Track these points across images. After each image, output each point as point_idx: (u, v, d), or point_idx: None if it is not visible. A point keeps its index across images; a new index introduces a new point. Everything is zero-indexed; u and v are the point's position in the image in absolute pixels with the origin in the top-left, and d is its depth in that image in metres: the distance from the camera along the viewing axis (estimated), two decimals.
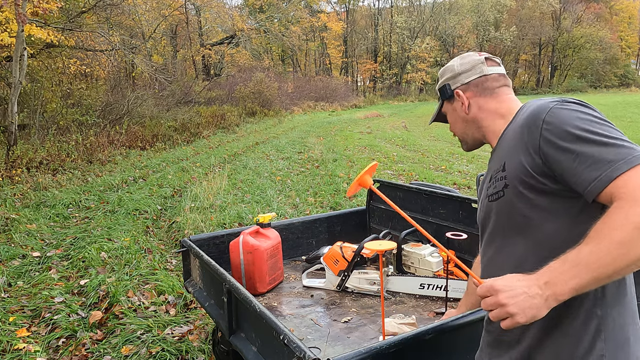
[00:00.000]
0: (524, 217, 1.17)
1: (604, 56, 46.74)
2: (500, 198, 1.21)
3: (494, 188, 1.23)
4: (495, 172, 1.24)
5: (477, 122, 1.37)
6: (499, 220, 1.24)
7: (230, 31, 28.97)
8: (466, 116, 1.38)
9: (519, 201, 1.17)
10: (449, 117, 1.44)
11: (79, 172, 8.80)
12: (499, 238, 1.26)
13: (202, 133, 15.20)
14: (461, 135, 1.43)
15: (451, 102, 1.41)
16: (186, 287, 2.79)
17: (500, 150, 1.26)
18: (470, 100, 1.38)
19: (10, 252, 4.62)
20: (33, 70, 11.81)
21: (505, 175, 1.19)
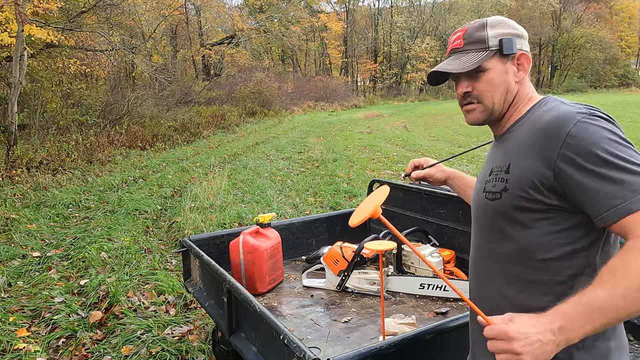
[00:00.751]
0: (518, 223, 1.14)
1: (604, 56, 46.72)
2: (496, 200, 1.17)
3: (493, 186, 1.18)
4: (498, 169, 1.18)
5: (514, 98, 1.22)
6: (491, 219, 1.20)
7: (230, 31, 28.98)
8: (512, 86, 1.20)
9: (516, 209, 1.13)
10: (488, 75, 1.19)
11: (79, 172, 8.80)
12: (489, 235, 1.23)
13: (202, 133, 15.20)
14: (487, 102, 1.21)
15: (505, 60, 1.19)
16: (186, 287, 2.79)
17: (508, 145, 1.19)
18: (525, 70, 1.23)
19: (10, 252, 4.62)
20: (33, 70, 11.82)
21: (507, 179, 1.14)
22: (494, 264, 1.22)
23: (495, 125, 1.28)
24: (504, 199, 1.14)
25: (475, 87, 1.21)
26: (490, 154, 1.30)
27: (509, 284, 1.18)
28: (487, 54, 1.18)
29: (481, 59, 1.18)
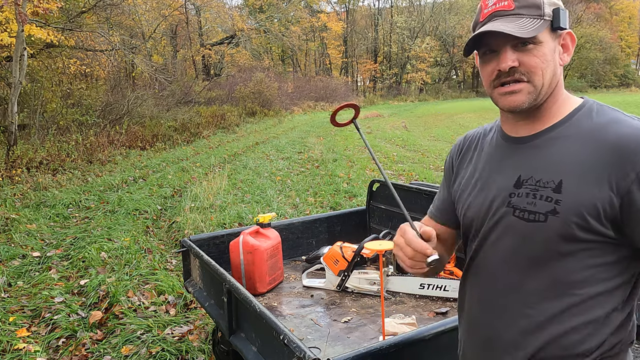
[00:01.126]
0: (558, 252, 0.96)
1: (604, 56, 46.70)
2: (536, 222, 0.96)
3: (530, 204, 0.97)
4: (538, 184, 0.98)
5: (555, 87, 1.02)
6: (521, 242, 1.00)
7: (230, 31, 28.98)
8: (558, 70, 1.02)
9: (564, 237, 0.95)
10: (542, 48, 0.97)
11: (79, 172, 8.80)
12: (514, 261, 1.02)
13: (202, 133, 15.20)
14: (537, 82, 0.98)
15: (554, 36, 1.00)
16: (186, 287, 2.79)
17: (551, 153, 0.99)
18: (569, 53, 1.04)
19: (10, 252, 4.62)
20: (33, 70, 11.81)
21: (558, 200, 0.94)
22: (516, 295, 1.03)
23: (525, 118, 1.04)
24: (550, 224, 0.95)
25: (524, 61, 0.97)
26: (507, 155, 1.07)
27: (534, 318, 1.01)
28: (542, 23, 0.96)
29: (539, 27, 0.96)
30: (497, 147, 1.11)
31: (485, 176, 1.09)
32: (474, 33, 1.00)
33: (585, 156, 0.94)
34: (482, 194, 1.09)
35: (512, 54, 0.98)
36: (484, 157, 1.13)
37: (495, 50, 1.00)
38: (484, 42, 1.01)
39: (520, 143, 1.05)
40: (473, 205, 1.10)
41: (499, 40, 0.98)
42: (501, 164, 1.07)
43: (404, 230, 1.06)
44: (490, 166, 1.10)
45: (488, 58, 1.02)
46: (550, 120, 1.03)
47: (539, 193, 0.97)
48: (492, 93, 1.04)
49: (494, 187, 1.06)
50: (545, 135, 1.02)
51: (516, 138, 1.06)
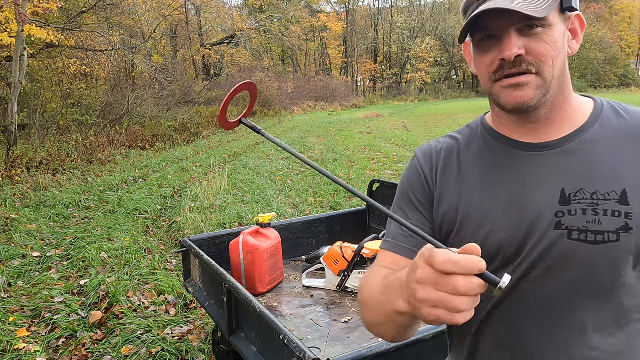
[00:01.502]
0: (625, 277, 0.82)
1: (604, 56, 46.72)
2: (607, 242, 0.79)
3: (594, 222, 0.80)
4: (598, 197, 0.81)
5: (565, 78, 0.87)
6: (584, 274, 0.81)
7: (230, 31, 28.98)
8: (567, 60, 0.86)
9: (635, 256, 0.81)
10: (552, 32, 0.81)
11: (79, 172, 8.80)
12: (573, 299, 0.83)
13: (202, 133, 15.20)
14: (547, 74, 0.82)
15: (563, 19, 0.84)
16: (186, 287, 2.79)
17: (604, 163, 0.83)
18: (578, 40, 0.89)
19: (10, 252, 4.62)
20: (33, 70, 11.82)
21: (629, 213, 0.79)
22: (578, 338, 0.83)
23: (537, 119, 0.87)
24: (624, 242, 0.79)
25: (532, 48, 0.80)
26: (530, 165, 0.87)
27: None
28: (552, 1, 0.80)
29: (550, 5, 0.79)
30: (506, 157, 0.89)
31: (508, 193, 0.86)
32: (474, 13, 0.80)
33: (635, 159, 0.82)
34: (513, 215, 0.85)
35: (518, 39, 0.80)
36: (488, 171, 0.90)
37: (497, 35, 0.82)
38: (481, 26, 0.82)
39: (546, 149, 0.86)
40: (501, 229, 0.85)
41: (502, 22, 0.80)
42: (530, 176, 0.85)
43: (431, 255, 0.63)
44: (508, 181, 0.87)
45: (486, 46, 0.84)
46: (574, 121, 0.87)
47: (601, 207, 0.79)
48: (492, 88, 0.85)
49: (529, 205, 0.84)
50: (579, 138, 0.85)
51: (535, 144, 0.87)
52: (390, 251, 0.95)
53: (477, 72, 0.89)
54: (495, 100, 0.86)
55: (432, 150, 1.00)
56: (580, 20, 0.88)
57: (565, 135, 0.86)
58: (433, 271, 0.62)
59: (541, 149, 0.86)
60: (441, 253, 0.62)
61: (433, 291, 0.62)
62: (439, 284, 0.62)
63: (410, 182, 0.99)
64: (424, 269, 0.63)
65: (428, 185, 0.97)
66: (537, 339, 0.85)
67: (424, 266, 0.64)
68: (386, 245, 0.97)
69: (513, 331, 0.87)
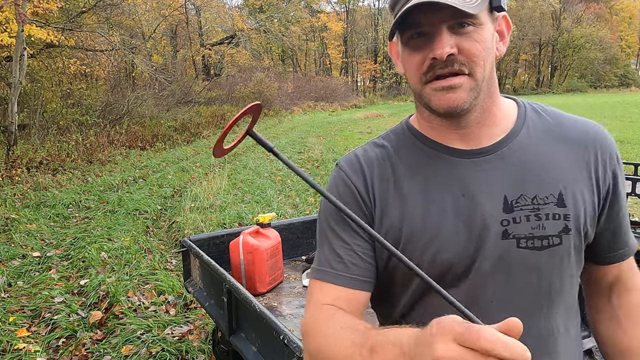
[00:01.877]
0: (570, 275, 0.85)
1: (604, 56, 46.75)
2: (552, 246, 0.80)
3: (538, 228, 0.80)
4: (538, 202, 0.80)
5: (493, 80, 0.84)
6: (537, 281, 0.82)
7: (230, 31, 28.99)
8: (494, 58, 0.83)
9: (576, 254, 0.84)
10: (483, 31, 0.77)
11: (79, 172, 8.80)
12: (532, 307, 0.83)
13: (202, 133, 15.20)
14: (479, 75, 0.78)
15: (492, 19, 0.81)
16: (186, 287, 2.79)
17: (538, 166, 0.82)
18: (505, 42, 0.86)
19: (10, 252, 4.62)
20: (33, 70, 11.82)
21: (567, 215, 0.80)
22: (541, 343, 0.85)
23: (468, 123, 0.83)
24: (565, 244, 0.81)
25: (464, 47, 0.76)
26: (467, 173, 0.83)
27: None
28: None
29: (481, 3, 0.75)
30: (443, 166, 0.84)
31: (451, 206, 0.81)
32: (404, 7, 0.74)
33: (564, 159, 0.83)
34: (460, 230, 0.80)
35: (450, 37, 0.75)
36: (427, 182, 0.83)
37: (427, 33, 0.76)
38: (411, 22, 0.76)
39: (480, 155, 0.83)
40: (449, 247, 0.80)
41: (433, 18, 0.75)
42: (469, 185, 0.81)
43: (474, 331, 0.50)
44: (448, 191, 0.82)
45: (416, 44, 0.78)
46: (502, 124, 0.85)
47: (543, 212, 0.79)
48: (422, 90, 0.80)
49: (474, 217, 0.80)
50: (510, 142, 0.83)
51: (470, 151, 0.84)
52: (331, 283, 0.84)
53: (405, 73, 0.83)
54: (426, 103, 0.81)
55: (360, 162, 0.89)
56: (507, 22, 0.85)
57: (498, 140, 0.84)
58: (461, 349, 0.50)
59: (476, 155, 0.83)
60: (487, 329, 0.50)
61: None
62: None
63: (342, 199, 0.86)
64: (448, 345, 0.51)
65: (365, 203, 0.86)
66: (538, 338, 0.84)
67: (447, 341, 0.51)
68: (321, 275, 0.85)
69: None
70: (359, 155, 0.90)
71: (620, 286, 0.93)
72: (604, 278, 0.94)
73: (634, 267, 0.94)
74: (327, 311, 0.79)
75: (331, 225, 0.87)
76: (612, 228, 0.88)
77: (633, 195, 3.42)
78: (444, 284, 0.80)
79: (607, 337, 0.95)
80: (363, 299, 0.86)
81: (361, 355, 0.66)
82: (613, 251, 0.90)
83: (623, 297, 0.93)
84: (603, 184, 0.84)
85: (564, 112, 0.89)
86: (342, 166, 0.89)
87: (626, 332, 0.91)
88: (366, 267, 0.85)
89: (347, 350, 0.68)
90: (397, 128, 0.93)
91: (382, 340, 0.64)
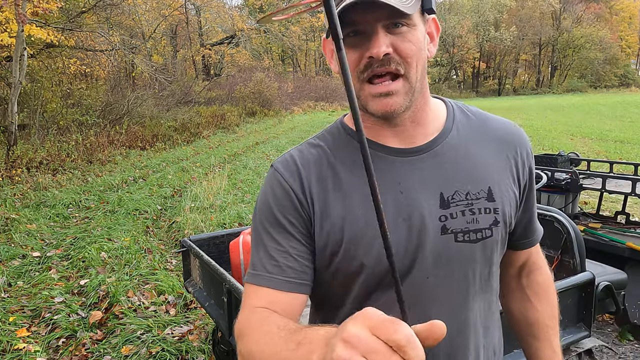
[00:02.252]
0: (496, 264, 0.92)
1: (604, 56, 46.77)
2: (485, 239, 0.85)
3: (473, 222, 0.84)
4: (472, 197, 0.85)
5: (424, 80, 0.86)
6: (473, 273, 0.86)
7: (230, 31, 28.98)
8: (425, 60, 0.84)
9: (502, 244, 0.90)
10: (416, 32, 0.79)
11: (79, 172, 8.80)
12: (466, 299, 0.87)
13: (202, 133, 15.21)
14: (412, 76, 0.80)
15: (424, 20, 0.83)
16: (186, 287, 2.79)
17: (468, 163, 0.86)
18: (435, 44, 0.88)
19: (10, 252, 4.62)
20: (33, 70, 11.82)
21: (496, 208, 0.86)
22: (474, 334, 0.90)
23: (403, 122, 0.85)
24: (495, 236, 0.87)
25: (398, 47, 0.78)
26: (404, 171, 0.85)
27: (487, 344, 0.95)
28: (416, 0, 0.78)
29: (415, 4, 0.77)
30: (380, 164, 0.85)
31: (391, 204, 0.82)
32: (342, 5, 0.74)
33: (490, 156, 0.88)
34: (401, 228, 0.82)
35: (385, 36, 0.77)
36: (362, 179, 0.82)
37: (363, 31, 0.78)
38: (347, 20, 0.76)
39: (416, 154, 0.85)
40: (392, 243, 0.77)
41: (369, 16, 0.76)
42: (406, 182, 0.84)
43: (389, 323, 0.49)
44: (386, 189, 0.83)
45: (352, 42, 0.79)
46: (434, 123, 0.88)
47: (475, 207, 0.84)
48: (360, 89, 0.81)
49: (414, 214, 0.82)
50: (443, 141, 0.87)
51: (405, 149, 0.86)
52: (265, 286, 0.82)
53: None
54: (363, 105, 0.82)
55: (296, 163, 0.88)
56: (436, 24, 0.87)
57: (431, 139, 0.87)
58: (373, 338, 0.48)
59: (411, 153, 0.85)
60: (406, 326, 0.48)
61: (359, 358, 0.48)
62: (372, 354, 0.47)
63: (279, 201, 0.85)
64: (361, 331, 0.49)
65: (302, 206, 0.84)
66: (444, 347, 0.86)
67: (362, 326, 0.50)
68: (256, 279, 0.84)
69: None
70: (294, 157, 0.89)
71: (528, 267, 1.06)
72: (516, 262, 1.04)
73: (539, 249, 1.06)
74: (260, 314, 0.78)
75: (266, 228, 0.86)
76: (526, 218, 0.97)
77: (633, 195, 3.42)
78: (388, 282, 0.82)
79: (518, 313, 1.07)
80: (299, 302, 0.85)
81: (287, 349, 0.65)
82: (526, 238, 1.00)
83: (531, 276, 1.06)
84: (522, 179, 0.91)
85: (486, 112, 0.95)
86: (278, 168, 0.88)
87: (534, 307, 1.04)
88: (302, 269, 0.84)
89: (276, 347, 0.68)
90: (331, 128, 0.93)
91: (311, 333, 0.63)
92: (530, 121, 18.69)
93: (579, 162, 4.54)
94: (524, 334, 1.07)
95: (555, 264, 2.30)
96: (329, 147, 0.89)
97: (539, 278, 1.06)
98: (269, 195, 0.87)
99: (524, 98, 40.44)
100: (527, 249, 1.02)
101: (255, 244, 0.87)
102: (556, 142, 12.15)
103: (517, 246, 1.01)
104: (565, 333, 1.91)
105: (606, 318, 3.43)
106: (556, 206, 3.76)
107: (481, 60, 50.81)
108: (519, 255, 1.03)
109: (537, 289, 1.05)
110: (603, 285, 2.05)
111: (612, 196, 5.33)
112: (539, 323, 1.04)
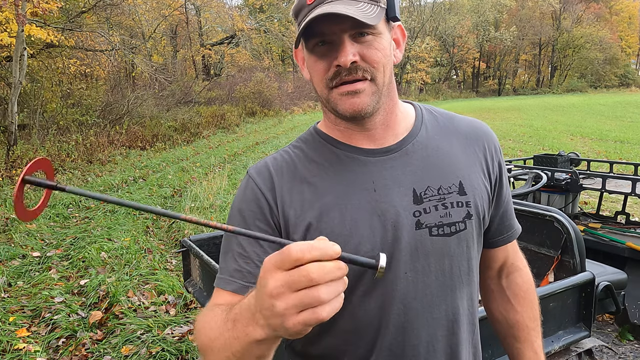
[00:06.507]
0: (474, 258, 0.93)
1: (604, 56, 46.76)
2: (459, 232, 0.88)
3: (446, 216, 0.87)
4: (443, 192, 0.88)
5: (392, 85, 0.90)
6: (448, 266, 0.88)
7: (230, 31, 28.98)
8: (392, 65, 0.88)
9: (477, 238, 0.93)
10: (381, 40, 0.83)
11: (79, 172, 8.80)
12: (444, 293, 0.88)
13: (202, 133, 15.21)
14: (379, 80, 0.84)
15: (389, 28, 0.88)
16: (186, 287, 2.79)
17: (439, 160, 0.90)
18: (401, 50, 0.92)
19: (10, 252, 4.62)
20: (33, 70, 11.82)
21: (468, 202, 0.89)
22: (453, 328, 0.91)
23: (373, 124, 0.89)
24: (469, 229, 0.89)
25: (365, 55, 0.81)
26: (376, 170, 0.88)
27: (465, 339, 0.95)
28: (379, 10, 0.82)
29: (379, 14, 0.81)
30: (353, 165, 0.88)
31: (365, 202, 0.85)
32: (307, 17, 0.78)
33: (459, 152, 0.92)
34: (375, 224, 0.84)
35: (352, 46, 0.80)
36: (339, 181, 0.87)
37: (330, 41, 0.81)
38: (316, 31, 0.80)
39: (387, 153, 0.89)
40: (368, 241, 0.83)
41: (335, 27, 0.79)
42: (378, 181, 0.87)
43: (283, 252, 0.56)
44: (360, 187, 0.86)
45: (321, 51, 0.83)
46: (404, 124, 0.92)
47: (448, 201, 0.87)
48: (328, 95, 0.85)
49: (389, 211, 0.85)
50: (413, 140, 0.91)
51: (377, 150, 0.89)
52: (226, 290, 0.85)
53: (311, 78, 0.89)
54: (333, 107, 0.86)
55: (269, 170, 0.90)
56: (402, 31, 0.91)
57: (402, 138, 0.91)
58: (284, 273, 0.55)
59: (383, 153, 0.89)
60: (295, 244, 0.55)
61: (291, 295, 0.55)
62: (294, 283, 0.54)
63: (248, 206, 0.88)
64: (274, 277, 0.56)
65: (271, 212, 0.87)
66: (411, 335, 0.86)
67: (272, 274, 0.56)
68: (220, 283, 0.87)
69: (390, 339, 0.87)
70: (268, 164, 0.92)
71: (507, 268, 1.08)
72: (494, 263, 1.07)
73: (517, 249, 1.09)
74: (216, 309, 0.79)
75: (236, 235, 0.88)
76: (500, 213, 1.00)
77: (633, 195, 3.42)
78: (367, 279, 0.84)
79: (499, 315, 1.09)
80: None
81: (227, 329, 0.68)
82: (501, 234, 1.02)
83: (510, 277, 1.08)
84: (492, 172, 0.95)
85: (453, 112, 1.00)
86: (252, 175, 0.91)
87: (514, 308, 1.06)
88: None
89: (219, 330, 0.71)
90: (306, 135, 0.97)
91: (238, 309, 0.67)
92: (530, 121, 18.70)
93: (579, 162, 4.54)
94: (505, 335, 1.09)
95: (555, 264, 2.30)
96: (303, 153, 0.92)
97: (518, 279, 1.08)
98: (239, 200, 0.90)
99: (524, 98, 40.44)
100: (503, 245, 1.03)
101: (224, 248, 0.90)
102: (556, 142, 12.15)
103: (493, 243, 1.02)
104: (565, 333, 1.91)
105: (606, 318, 3.43)
106: (556, 206, 3.76)
107: (481, 60, 50.82)
108: (497, 254, 1.05)
109: (517, 290, 1.07)
110: (603, 285, 2.04)
111: (612, 196, 5.33)
112: (520, 324, 1.06)
